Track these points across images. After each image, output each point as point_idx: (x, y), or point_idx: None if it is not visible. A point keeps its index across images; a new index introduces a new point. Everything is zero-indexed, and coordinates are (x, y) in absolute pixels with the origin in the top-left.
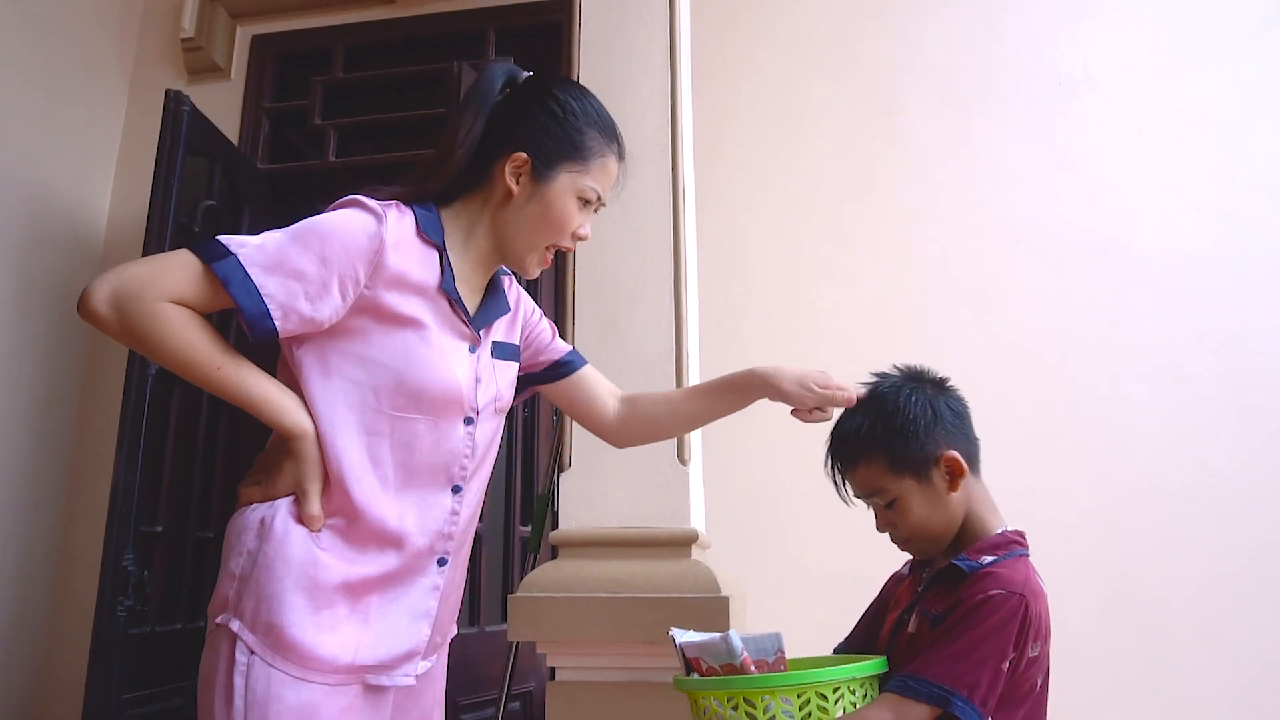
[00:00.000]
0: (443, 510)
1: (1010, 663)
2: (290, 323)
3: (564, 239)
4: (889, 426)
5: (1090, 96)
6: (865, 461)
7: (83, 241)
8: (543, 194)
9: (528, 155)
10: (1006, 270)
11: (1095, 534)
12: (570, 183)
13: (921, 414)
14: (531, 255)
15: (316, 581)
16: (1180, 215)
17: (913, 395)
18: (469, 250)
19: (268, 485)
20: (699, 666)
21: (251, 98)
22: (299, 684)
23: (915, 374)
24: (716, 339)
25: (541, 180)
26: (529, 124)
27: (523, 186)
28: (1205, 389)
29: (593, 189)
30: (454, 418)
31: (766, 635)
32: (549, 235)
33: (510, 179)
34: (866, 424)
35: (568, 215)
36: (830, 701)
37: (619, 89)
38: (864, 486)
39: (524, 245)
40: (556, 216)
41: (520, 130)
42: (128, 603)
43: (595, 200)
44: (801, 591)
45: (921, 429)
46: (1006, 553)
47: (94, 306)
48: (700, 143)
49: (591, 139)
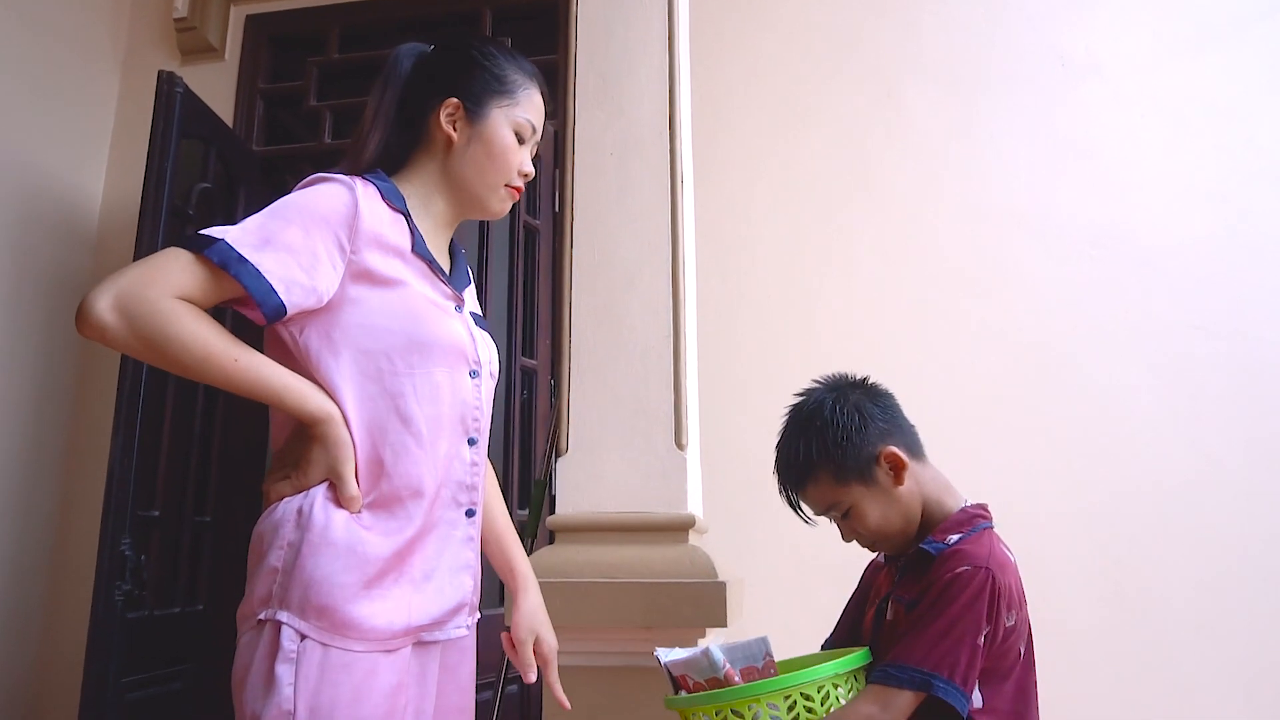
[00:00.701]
0: (464, 461)
1: (986, 636)
2: (294, 295)
3: (512, 175)
4: (823, 440)
5: (1093, 81)
6: (812, 480)
7: (77, 227)
8: (480, 132)
9: (459, 100)
10: (1007, 257)
11: (1095, 524)
12: (504, 117)
13: (850, 420)
14: (491, 195)
15: (366, 558)
16: (1184, 201)
17: (836, 404)
18: (430, 214)
19: (298, 476)
20: (686, 684)
21: (246, 79)
22: (357, 656)
23: (835, 382)
24: (714, 325)
25: (476, 119)
26: (452, 73)
27: (460, 130)
28: (1208, 377)
29: (525, 120)
30: (462, 368)
31: (753, 641)
32: (498, 173)
33: (447, 125)
34: (802, 444)
35: (509, 149)
36: (817, 701)
37: (617, 71)
38: (818, 504)
39: (480, 187)
40: (499, 151)
41: (445, 81)
42: (125, 587)
43: (531, 133)
44: (800, 576)
45: (855, 434)
46: (970, 528)
47: (98, 316)
48: (699, 126)
49: (513, 73)
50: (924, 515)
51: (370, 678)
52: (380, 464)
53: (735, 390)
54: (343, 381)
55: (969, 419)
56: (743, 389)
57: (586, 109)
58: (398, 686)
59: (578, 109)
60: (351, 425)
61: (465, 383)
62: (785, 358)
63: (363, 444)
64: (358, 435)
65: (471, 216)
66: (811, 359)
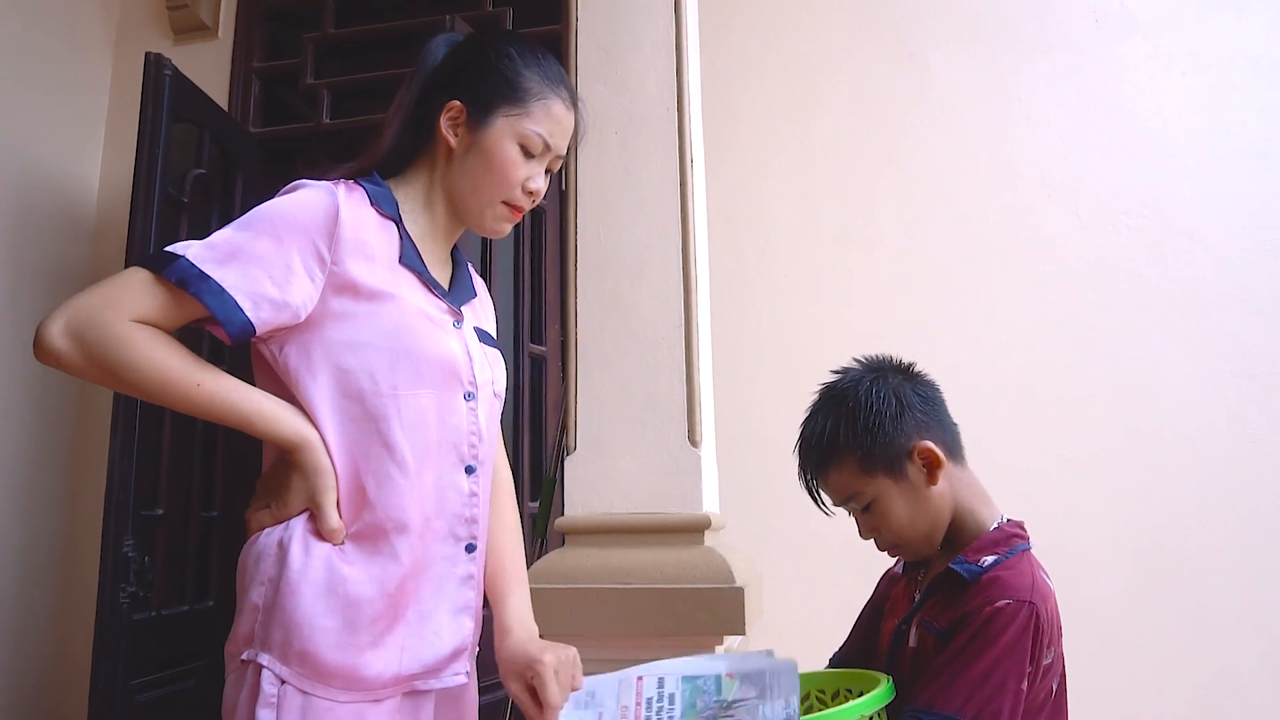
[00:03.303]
0: (459, 492)
1: (1027, 678)
2: (263, 311)
3: (513, 192)
4: (854, 423)
5: (1129, 36)
6: (835, 465)
7: (74, 215)
8: (480, 142)
9: (462, 103)
10: (1036, 226)
11: (1129, 500)
12: (508, 127)
13: (887, 405)
14: (485, 212)
15: (349, 599)
16: (1225, 164)
17: (874, 386)
18: (429, 223)
19: (278, 507)
20: None
21: (240, 58)
22: (336, 706)
23: (877, 364)
24: (729, 309)
25: (478, 127)
26: (462, 72)
27: (461, 137)
28: (1248, 349)
29: (535, 134)
30: (455, 391)
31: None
32: (495, 188)
33: (447, 131)
34: (830, 424)
35: (509, 163)
36: None
37: (621, 41)
38: (838, 492)
39: (474, 202)
40: (497, 165)
41: (456, 81)
42: (130, 589)
43: (542, 149)
44: (822, 568)
45: (889, 421)
46: (1008, 549)
47: (50, 343)
48: (709, 99)
49: (529, 80)
50: (953, 525)
51: None
52: (363, 493)
53: (752, 376)
54: (322, 403)
55: (998, 398)
56: (760, 375)
57: (588, 84)
58: None
59: (579, 84)
60: (332, 450)
61: (458, 406)
62: (804, 340)
63: (345, 470)
64: (339, 461)
65: (470, 229)
66: (831, 341)
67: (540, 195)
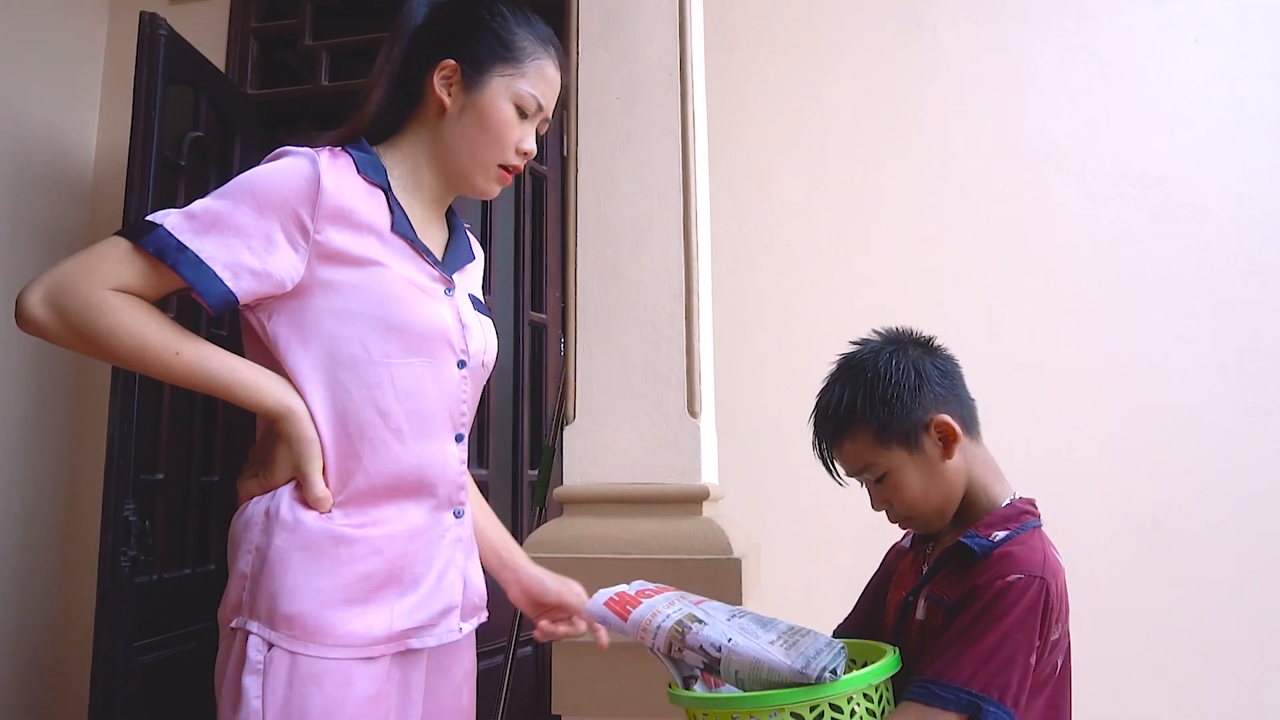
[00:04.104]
0: (450, 458)
1: (1035, 652)
2: (244, 281)
3: (507, 152)
4: (871, 394)
5: (1142, 3)
6: (850, 436)
7: (70, 178)
8: (476, 101)
9: (456, 61)
10: (1043, 198)
11: (1131, 478)
12: (505, 87)
13: (905, 378)
14: (480, 173)
15: (340, 559)
16: (1236, 136)
17: (894, 358)
18: (420, 187)
19: (265, 475)
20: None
21: (238, 19)
22: (329, 665)
23: (897, 336)
24: (730, 279)
25: (474, 86)
26: (454, 31)
27: (455, 97)
28: (1254, 325)
29: (530, 95)
30: (448, 359)
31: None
32: (490, 149)
33: (441, 90)
34: (847, 395)
35: (505, 123)
36: (846, 713)
37: (624, 6)
38: (852, 463)
39: (469, 163)
40: (494, 125)
41: (447, 40)
42: (131, 553)
43: (535, 110)
44: (820, 539)
45: (907, 394)
46: (1019, 525)
47: (30, 312)
48: (711, 65)
49: (523, 39)
50: (965, 499)
51: (343, 688)
52: (356, 459)
53: (752, 347)
54: (311, 372)
55: (1004, 371)
56: (761, 346)
57: (590, 49)
58: (376, 697)
59: (580, 49)
60: (320, 419)
61: (451, 374)
62: (806, 312)
63: (335, 439)
64: (328, 430)
65: (460, 193)
66: (834, 313)
67: (532, 155)
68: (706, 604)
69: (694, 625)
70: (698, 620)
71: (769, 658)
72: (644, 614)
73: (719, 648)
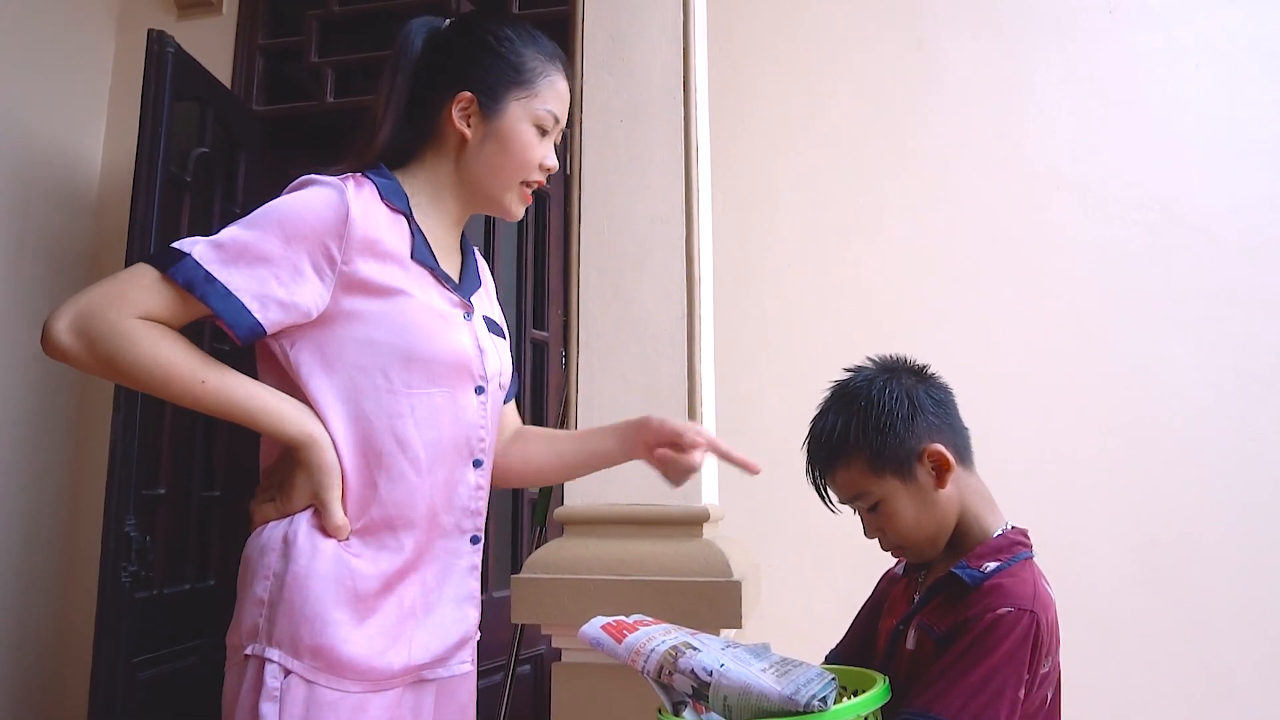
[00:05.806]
0: (468, 486)
1: (1024, 686)
2: (271, 312)
3: (531, 172)
4: (864, 423)
5: (1144, 27)
6: (844, 463)
7: (76, 192)
8: (496, 130)
9: (472, 93)
10: (1045, 219)
11: (1128, 496)
12: (522, 110)
13: (899, 406)
14: (507, 195)
15: (356, 592)
16: (1236, 160)
17: (887, 386)
18: (439, 213)
19: (283, 501)
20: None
21: (244, 35)
22: (345, 695)
23: (891, 364)
24: (731, 298)
25: (492, 115)
26: (465, 62)
27: (475, 127)
28: (1252, 348)
29: (547, 113)
30: (466, 387)
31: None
32: (515, 171)
33: (460, 123)
34: (841, 422)
35: (528, 146)
36: None
37: (626, 27)
38: (845, 491)
39: (496, 187)
40: (517, 150)
41: (457, 71)
42: (131, 568)
43: (553, 124)
44: (820, 562)
45: (900, 422)
46: (1010, 556)
47: (57, 338)
48: (714, 85)
49: (532, 60)
50: (958, 529)
51: (358, 715)
52: (374, 489)
53: (754, 369)
54: (333, 400)
55: (1004, 391)
56: (762, 368)
57: (594, 71)
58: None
59: (585, 71)
60: (341, 447)
61: (470, 402)
62: (808, 334)
63: (355, 467)
64: (348, 458)
65: (488, 213)
66: (835, 334)
67: (554, 170)
68: (702, 635)
69: (687, 650)
70: (691, 647)
71: (759, 683)
72: (639, 639)
73: (710, 671)
